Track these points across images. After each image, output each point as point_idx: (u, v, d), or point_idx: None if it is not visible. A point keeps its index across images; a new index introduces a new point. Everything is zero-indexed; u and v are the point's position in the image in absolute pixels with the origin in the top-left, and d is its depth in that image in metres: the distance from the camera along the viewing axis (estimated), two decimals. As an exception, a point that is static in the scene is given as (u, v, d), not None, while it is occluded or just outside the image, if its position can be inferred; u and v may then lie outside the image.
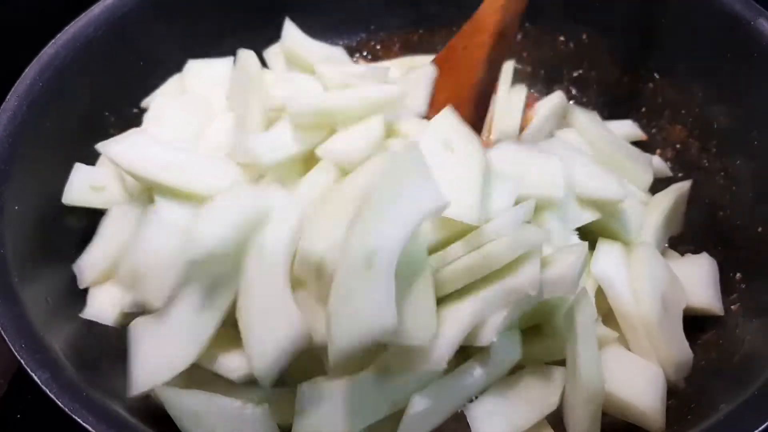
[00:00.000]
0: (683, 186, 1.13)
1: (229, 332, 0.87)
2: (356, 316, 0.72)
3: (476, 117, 1.09)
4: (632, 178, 1.12)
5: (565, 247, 0.93)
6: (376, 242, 0.74)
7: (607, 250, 1.01)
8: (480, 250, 0.83)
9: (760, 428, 0.74)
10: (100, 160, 1.11)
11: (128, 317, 0.92)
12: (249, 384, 0.86)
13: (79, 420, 0.73)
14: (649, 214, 1.08)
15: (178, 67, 1.21)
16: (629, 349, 0.97)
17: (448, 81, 1.10)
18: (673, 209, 1.10)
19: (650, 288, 0.96)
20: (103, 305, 0.97)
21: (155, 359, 0.84)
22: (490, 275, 0.84)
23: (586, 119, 1.18)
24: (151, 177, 0.95)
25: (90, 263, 1.00)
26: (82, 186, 1.05)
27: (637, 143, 1.21)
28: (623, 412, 0.91)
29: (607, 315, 0.99)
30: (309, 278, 0.83)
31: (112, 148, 0.97)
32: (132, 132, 1.03)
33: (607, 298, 0.98)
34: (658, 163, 1.20)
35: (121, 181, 1.06)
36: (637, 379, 0.91)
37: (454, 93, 1.08)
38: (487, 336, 0.83)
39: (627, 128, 1.24)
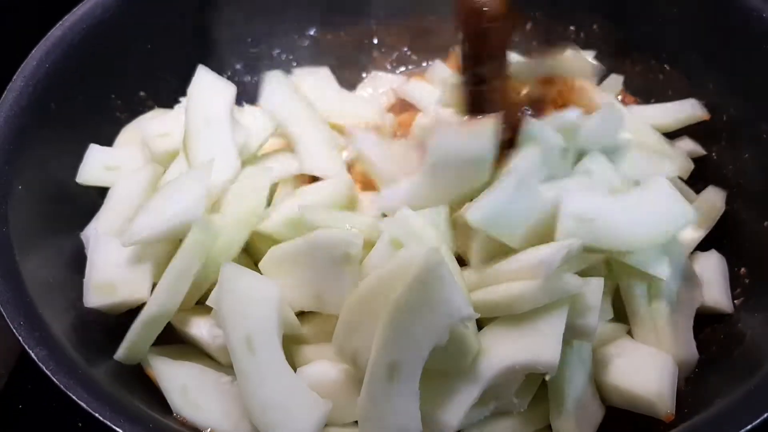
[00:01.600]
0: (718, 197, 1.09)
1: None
2: (382, 423, 0.77)
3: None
4: (674, 168, 1.07)
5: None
6: (400, 355, 0.76)
7: None
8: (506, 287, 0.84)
9: (758, 420, 0.74)
10: (117, 141, 1.13)
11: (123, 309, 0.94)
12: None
13: (74, 397, 0.74)
14: None
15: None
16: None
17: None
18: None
19: (663, 282, 0.95)
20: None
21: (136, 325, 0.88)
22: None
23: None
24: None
25: (96, 230, 1.00)
26: (97, 166, 1.07)
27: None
28: (631, 403, 0.91)
29: (620, 310, 0.97)
30: (346, 360, 0.84)
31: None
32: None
33: (620, 291, 0.96)
34: (689, 144, 1.16)
35: (135, 161, 1.08)
36: (645, 369, 0.91)
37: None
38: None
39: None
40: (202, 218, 0.90)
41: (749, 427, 0.74)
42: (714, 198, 1.09)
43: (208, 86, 1.06)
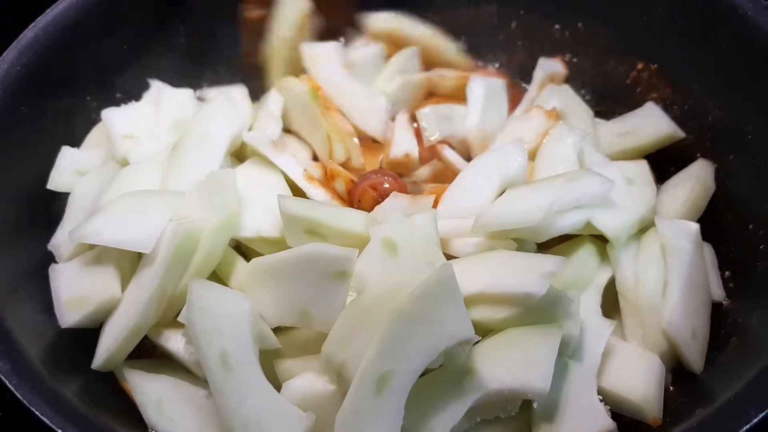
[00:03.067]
0: (704, 168, 1.09)
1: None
2: None
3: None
4: None
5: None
6: (392, 366, 0.74)
7: None
8: None
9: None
10: (85, 143, 1.11)
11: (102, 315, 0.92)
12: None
13: (36, 412, 0.72)
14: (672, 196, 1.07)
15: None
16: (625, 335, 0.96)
17: None
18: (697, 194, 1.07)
19: (654, 272, 0.95)
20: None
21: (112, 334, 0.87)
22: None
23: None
24: None
25: (65, 238, 0.98)
26: (68, 170, 1.05)
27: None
28: (619, 406, 0.90)
29: (612, 306, 0.97)
30: (331, 373, 0.82)
31: None
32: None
33: (616, 282, 0.96)
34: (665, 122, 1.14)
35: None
36: (632, 372, 0.90)
37: None
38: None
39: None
40: (181, 229, 0.88)
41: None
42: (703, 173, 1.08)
43: (222, 109, 1.05)
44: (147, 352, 0.94)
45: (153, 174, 0.99)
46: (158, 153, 1.02)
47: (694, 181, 1.07)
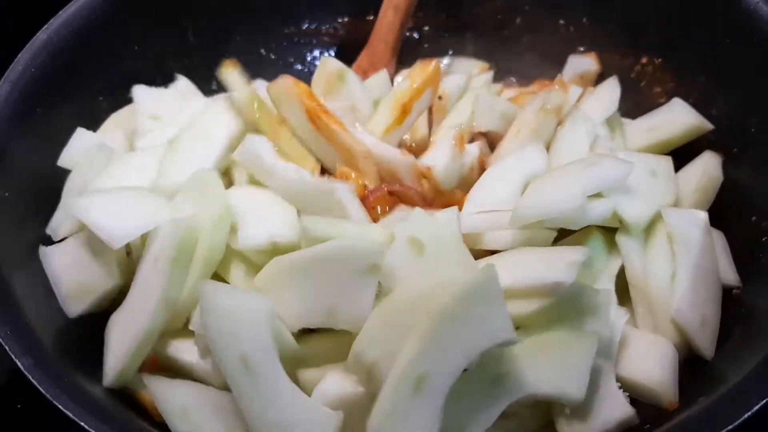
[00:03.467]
0: (711, 160, 1.10)
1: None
2: None
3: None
4: None
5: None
6: (432, 367, 0.72)
7: None
8: None
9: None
10: (103, 127, 1.13)
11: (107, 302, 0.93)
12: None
13: (59, 405, 0.74)
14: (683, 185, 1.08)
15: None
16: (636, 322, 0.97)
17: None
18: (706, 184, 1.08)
19: (663, 262, 0.96)
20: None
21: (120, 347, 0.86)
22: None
23: None
24: None
25: (61, 218, 0.99)
26: (79, 150, 1.04)
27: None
28: (635, 391, 0.91)
29: (624, 294, 0.98)
30: (359, 373, 0.80)
31: None
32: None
33: (626, 271, 0.97)
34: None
35: (121, 147, 1.07)
36: (647, 358, 0.91)
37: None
38: None
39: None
40: (180, 227, 0.87)
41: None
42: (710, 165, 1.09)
43: (223, 110, 1.05)
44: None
45: (149, 165, 1.00)
46: (156, 145, 1.03)
47: (701, 172, 1.08)
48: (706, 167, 1.09)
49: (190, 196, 0.93)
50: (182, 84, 1.18)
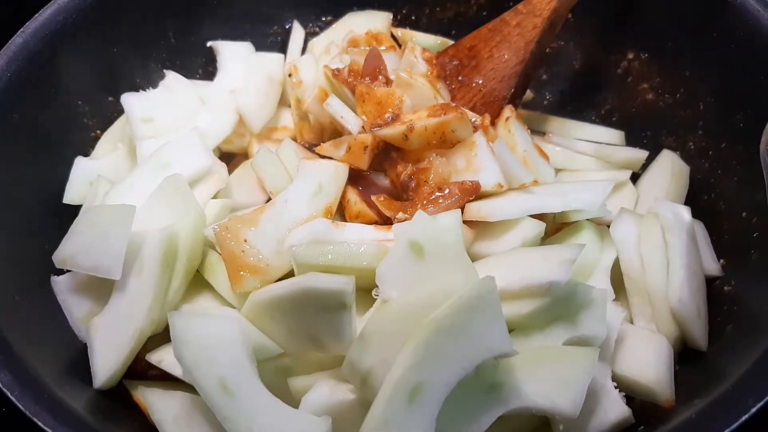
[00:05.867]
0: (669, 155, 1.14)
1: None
2: None
3: (515, 93, 1.15)
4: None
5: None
6: (427, 377, 0.71)
7: (626, 216, 1.00)
8: None
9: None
10: (99, 148, 1.12)
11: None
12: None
13: (39, 423, 0.72)
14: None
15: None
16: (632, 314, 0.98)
17: (495, 53, 1.16)
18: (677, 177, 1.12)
19: (659, 254, 0.96)
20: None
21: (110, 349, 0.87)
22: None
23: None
24: None
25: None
26: (82, 183, 1.06)
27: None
28: (631, 389, 0.91)
29: (619, 288, 0.98)
30: (354, 380, 0.79)
31: None
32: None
33: (621, 264, 0.97)
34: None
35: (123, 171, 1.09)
36: (643, 356, 0.91)
37: (499, 66, 1.14)
38: None
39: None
40: (164, 236, 0.90)
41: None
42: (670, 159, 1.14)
43: (186, 146, 1.05)
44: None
45: (142, 191, 0.99)
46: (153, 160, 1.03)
47: (669, 165, 1.12)
48: (667, 163, 1.12)
49: (161, 203, 0.95)
50: (170, 78, 1.18)
